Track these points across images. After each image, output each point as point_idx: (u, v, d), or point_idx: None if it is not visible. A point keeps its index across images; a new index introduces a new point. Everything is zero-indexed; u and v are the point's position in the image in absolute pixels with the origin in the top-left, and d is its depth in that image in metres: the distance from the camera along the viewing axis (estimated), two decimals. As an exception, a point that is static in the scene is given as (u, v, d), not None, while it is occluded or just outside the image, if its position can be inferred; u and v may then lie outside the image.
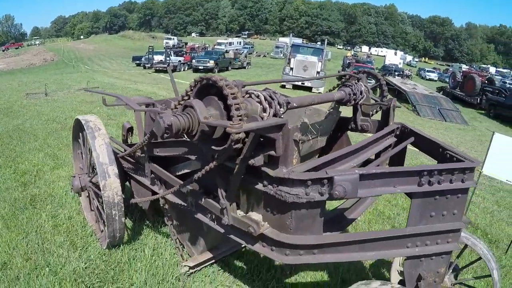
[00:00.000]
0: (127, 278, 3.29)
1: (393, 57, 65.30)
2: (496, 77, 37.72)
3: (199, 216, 2.77)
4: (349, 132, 3.68)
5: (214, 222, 2.63)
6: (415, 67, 66.30)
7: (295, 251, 2.18)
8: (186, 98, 2.13)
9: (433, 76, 50.49)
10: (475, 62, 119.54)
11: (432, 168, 2.15)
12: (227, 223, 2.31)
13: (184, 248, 3.60)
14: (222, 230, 2.55)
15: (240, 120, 1.84)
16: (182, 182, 2.74)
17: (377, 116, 3.49)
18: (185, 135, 2.06)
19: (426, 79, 47.87)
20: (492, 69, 77.82)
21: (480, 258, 3.19)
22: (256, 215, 2.29)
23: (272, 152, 2.00)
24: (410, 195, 2.28)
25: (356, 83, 3.33)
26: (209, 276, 3.48)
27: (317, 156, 3.47)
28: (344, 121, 3.56)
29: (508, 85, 29.70)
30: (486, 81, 28.05)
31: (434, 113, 20.06)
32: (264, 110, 2.17)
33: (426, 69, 56.88)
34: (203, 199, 2.59)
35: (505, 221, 6.30)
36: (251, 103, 2.13)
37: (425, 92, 24.05)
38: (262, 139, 2.07)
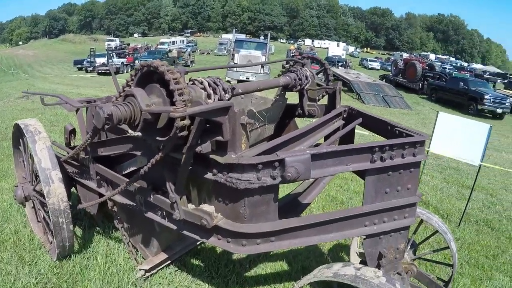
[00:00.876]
0: None
1: (335, 48, 67.14)
2: (436, 63, 39.67)
3: (150, 214, 2.61)
4: (296, 119, 3.65)
5: (165, 219, 2.48)
6: (358, 57, 68.47)
7: (252, 241, 2.08)
8: (127, 88, 1.98)
9: (376, 65, 52.29)
10: (415, 50, 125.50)
11: (384, 144, 2.13)
12: (178, 218, 2.17)
13: (137, 251, 3.43)
14: (174, 227, 2.41)
15: (184, 105, 1.72)
16: (127, 181, 2.56)
17: (324, 101, 3.48)
18: (128, 126, 1.91)
19: (369, 69, 49.53)
20: (432, 56, 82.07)
21: (436, 232, 3.28)
22: (208, 207, 2.17)
23: (220, 138, 1.90)
24: (363, 173, 2.25)
25: (301, 69, 3.29)
26: (166, 277, 3.35)
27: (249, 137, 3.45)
28: (291, 108, 3.52)
29: (447, 70, 31.35)
30: (427, 67, 29.39)
31: (378, 100, 20.72)
32: (209, 96, 2.05)
33: (369, 58, 58.70)
34: (151, 196, 2.43)
35: (454, 196, 6.60)
36: (195, 90, 2.01)
37: (368, 80, 24.78)
38: (208, 125, 1.96)
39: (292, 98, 3.48)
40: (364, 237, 2.38)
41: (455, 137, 5.16)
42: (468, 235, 4.97)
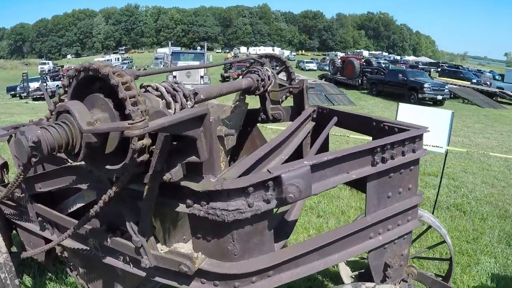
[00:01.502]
0: None
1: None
2: (372, 59, 41.18)
3: (109, 260, 2.10)
4: (259, 124, 3.26)
5: (130, 265, 1.98)
6: (294, 60, 69.37)
7: (246, 280, 1.65)
8: (60, 103, 1.48)
9: (312, 66, 53.16)
10: (349, 49, 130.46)
11: (384, 143, 1.82)
12: (148, 265, 1.70)
13: None
14: (143, 274, 1.92)
15: (142, 117, 1.25)
16: (76, 222, 2.05)
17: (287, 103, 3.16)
18: (66, 155, 1.43)
19: (306, 70, 50.22)
20: (366, 53, 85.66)
21: (429, 227, 3.10)
22: (183, 247, 1.72)
23: (194, 158, 1.45)
24: (362, 180, 1.92)
25: (261, 68, 2.92)
26: None
27: (228, 158, 3.00)
28: (253, 113, 3.11)
29: (383, 65, 32.57)
30: (364, 63, 30.41)
31: (322, 99, 20.90)
32: (168, 106, 1.60)
33: (305, 60, 59.63)
34: (108, 239, 1.93)
35: (419, 186, 6.54)
36: (150, 99, 1.56)
37: (309, 81, 25.06)
38: (175, 143, 1.52)
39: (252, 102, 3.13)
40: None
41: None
42: (444, 223, 4.94)
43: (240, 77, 2.93)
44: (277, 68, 3.12)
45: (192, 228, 1.64)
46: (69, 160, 2.10)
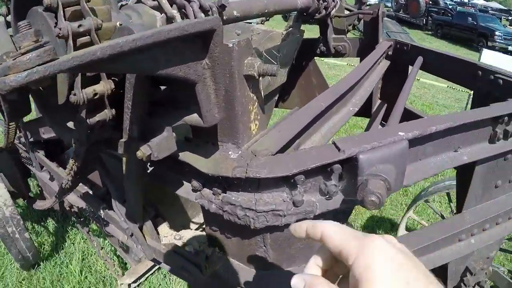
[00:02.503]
0: None
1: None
2: (438, -3, 37.68)
3: (111, 230, 1.64)
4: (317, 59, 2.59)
5: (136, 243, 1.51)
6: (351, -8, 65.19)
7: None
8: None
9: (373, 0, 49.90)
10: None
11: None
12: (142, 259, 1.20)
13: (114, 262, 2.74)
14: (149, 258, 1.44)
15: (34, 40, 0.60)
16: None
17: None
18: None
19: (366, 4, 47.49)
20: (433, -10, 78.66)
21: None
22: (196, 237, 1.18)
23: (194, 119, 0.84)
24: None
25: None
26: (159, 285, 2.70)
27: (276, 99, 2.36)
28: (310, 44, 2.42)
29: (449, 6, 29.72)
30: (431, 2, 27.85)
31: (383, 37, 19.48)
32: (170, 21, 0.97)
33: (366, -7, 56.27)
34: (101, 211, 1.44)
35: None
36: (140, 12, 0.94)
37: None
38: (162, 88, 0.89)
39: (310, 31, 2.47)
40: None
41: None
42: None
43: None
44: None
45: (204, 218, 1.07)
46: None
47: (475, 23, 20.14)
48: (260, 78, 0.90)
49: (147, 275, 2.65)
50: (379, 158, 0.79)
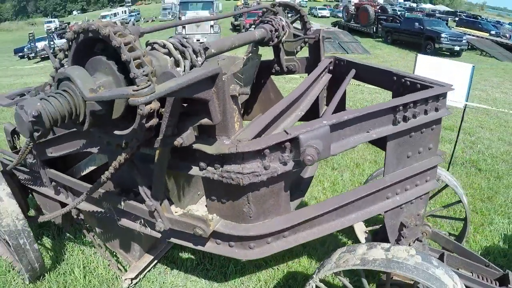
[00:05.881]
0: None
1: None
2: (386, 5, 39.41)
3: (125, 222, 2.10)
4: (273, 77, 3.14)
5: (146, 227, 1.98)
6: (306, 6, 66.64)
7: (261, 241, 1.64)
8: (60, 69, 1.39)
9: (325, 13, 51.29)
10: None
11: (407, 101, 1.73)
12: (162, 228, 1.68)
13: (117, 257, 3.05)
14: (158, 235, 1.92)
15: (148, 81, 1.17)
16: (89, 186, 2.03)
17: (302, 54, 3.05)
18: (72, 124, 1.36)
19: (319, 17, 48.47)
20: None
21: (446, 186, 3.06)
22: (198, 209, 1.69)
23: (206, 121, 1.38)
24: (382, 140, 1.84)
25: (275, 18, 2.75)
26: (156, 280, 3.00)
27: (242, 112, 2.89)
28: (266, 65, 2.99)
29: (398, 12, 31.15)
30: (379, 10, 29.07)
31: (335, 47, 20.23)
32: (177, 64, 1.50)
33: (318, 7, 57.26)
34: (122, 202, 1.91)
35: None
36: (157, 57, 1.46)
37: (321, 28, 24.21)
38: (186, 104, 1.44)
39: (266, 54, 2.98)
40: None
41: (437, 79, 4.88)
42: (459, 179, 4.80)
43: (253, 27, 2.78)
44: (291, 17, 2.95)
45: (206, 190, 1.59)
46: None
47: (422, 27, 21.17)
48: (239, 96, 1.45)
49: (145, 272, 2.98)
50: (311, 137, 1.36)
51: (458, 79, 4.71)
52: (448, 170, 5.05)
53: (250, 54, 2.75)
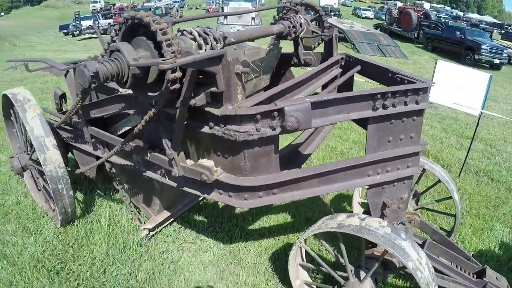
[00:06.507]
0: (87, 253, 3.14)
1: (327, -3, 64.88)
2: (431, 12, 38.55)
3: (149, 173, 2.56)
4: (292, 68, 3.55)
5: (165, 177, 2.43)
6: (351, 6, 65.61)
7: (254, 194, 2.05)
8: (112, 44, 1.87)
9: (369, 14, 50.49)
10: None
11: (386, 91, 2.04)
12: (177, 174, 2.12)
13: (140, 211, 3.45)
14: (174, 184, 2.37)
15: (173, 56, 1.62)
16: (122, 141, 2.50)
17: (320, 49, 3.37)
18: (117, 84, 1.82)
19: (363, 18, 47.74)
20: (427, 5, 79.09)
21: (438, 182, 3.24)
22: (207, 162, 2.11)
23: (214, 89, 1.81)
24: (365, 122, 2.19)
25: (294, 16, 3.14)
26: (170, 235, 3.39)
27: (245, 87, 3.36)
28: (286, 57, 3.40)
29: (443, 20, 30.50)
30: (422, 16, 28.56)
31: (374, 49, 20.21)
32: (200, 47, 1.93)
33: (362, 7, 56.42)
34: (148, 154, 2.36)
35: (454, 146, 6.56)
36: (184, 41, 1.89)
37: (362, 29, 23.96)
38: (201, 76, 1.87)
39: (287, 47, 3.37)
40: (367, 187, 2.36)
41: (455, 86, 5.04)
42: (468, 186, 4.95)
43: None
44: (312, 15, 3.33)
45: (213, 146, 2.02)
46: (119, 90, 2.53)
47: (463, 37, 20.78)
48: (242, 74, 1.86)
49: (162, 226, 3.37)
50: (294, 109, 1.75)
51: (475, 87, 4.88)
52: (459, 175, 5.22)
53: (272, 46, 3.15)
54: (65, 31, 34.00)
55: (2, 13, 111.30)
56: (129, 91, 2.34)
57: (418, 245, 2.12)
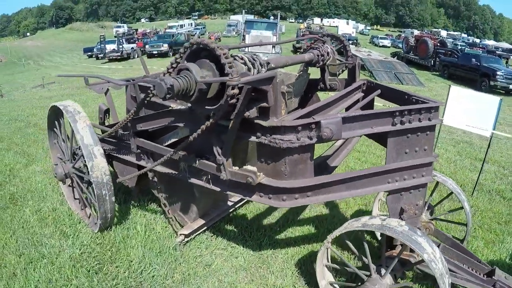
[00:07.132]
0: (124, 256, 3.37)
1: (345, 26, 66.06)
2: (448, 39, 39.10)
3: (193, 180, 2.91)
4: (318, 92, 3.97)
5: (209, 183, 2.80)
6: (368, 35, 66.98)
7: (291, 196, 2.42)
8: (176, 64, 2.24)
9: (386, 42, 51.24)
10: (426, 27, 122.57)
11: (403, 109, 2.42)
12: (225, 178, 2.50)
13: (176, 219, 3.71)
14: (218, 189, 2.73)
15: (237, 75, 1.99)
16: (172, 151, 2.84)
17: (343, 75, 3.78)
18: (182, 98, 2.17)
19: (380, 46, 48.53)
20: (443, 33, 79.92)
21: (451, 193, 3.53)
22: (251, 167, 2.49)
23: (264, 104, 2.21)
24: (384, 138, 2.55)
25: (322, 45, 3.57)
26: (203, 242, 3.65)
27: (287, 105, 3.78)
28: (314, 82, 3.86)
29: (459, 47, 30.81)
30: (439, 44, 28.94)
31: (391, 77, 20.63)
32: (249, 70, 2.34)
33: (379, 36, 57.45)
34: (197, 162, 2.73)
35: (467, 168, 6.78)
36: (237, 64, 2.29)
37: (380, 58, 24.54)
38: (253, 94, 2.26)
39: (314, 73, 3.77)
40: (387, 194, 2.68)
41: (467, 110, 5.38)
42: (481, 203, 5.16)
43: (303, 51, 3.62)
44: (336, 45, 3.76)
45: (258, 154, 2.41)
46: (171, 106, 2.91)
47: (478, 63, 20.93)
48: (286, 93, 2.27)
49: (196, 233, 3.61)
50: (328, 123, 2.15)
51: (486, 110, 5.20)
52: (472, 194, 5.46)
53: (301, 72, 3.60)
54: (89, 53, 35.18)
55: (28, 33, 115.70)
56: (180, 107, 2.74)
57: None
